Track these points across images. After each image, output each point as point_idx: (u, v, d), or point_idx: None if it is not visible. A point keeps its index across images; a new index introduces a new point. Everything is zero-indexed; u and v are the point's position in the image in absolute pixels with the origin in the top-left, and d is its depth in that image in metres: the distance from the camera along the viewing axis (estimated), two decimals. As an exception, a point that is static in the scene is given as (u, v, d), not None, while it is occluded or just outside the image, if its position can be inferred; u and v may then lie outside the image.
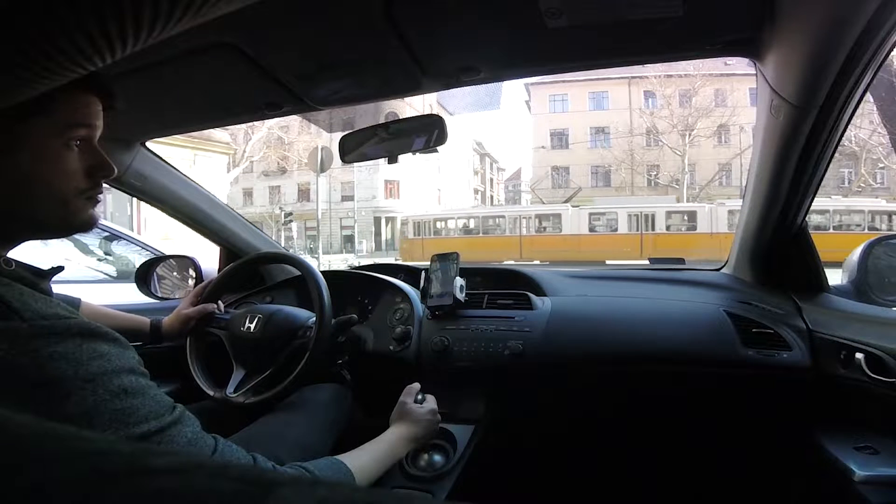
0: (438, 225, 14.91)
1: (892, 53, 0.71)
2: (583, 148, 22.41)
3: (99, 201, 0.54)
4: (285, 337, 0.96)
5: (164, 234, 4.49)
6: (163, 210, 1.28)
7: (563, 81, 21.70)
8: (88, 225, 0.53)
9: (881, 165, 14.75)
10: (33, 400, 0.40)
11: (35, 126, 0.46)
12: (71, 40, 0.26)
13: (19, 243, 0.51)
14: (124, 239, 2.52)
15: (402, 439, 0.78)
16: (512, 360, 1.04)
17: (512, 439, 1.15)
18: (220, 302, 1.08)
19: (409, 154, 1.06)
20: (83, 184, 0.51)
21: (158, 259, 1.46)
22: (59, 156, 0.48)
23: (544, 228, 13.64)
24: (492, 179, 41.94)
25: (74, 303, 0.83)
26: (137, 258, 2.29)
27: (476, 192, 37.07)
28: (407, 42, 0.74)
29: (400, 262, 1.60)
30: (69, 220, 0.51)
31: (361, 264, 1.67)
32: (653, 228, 12.62)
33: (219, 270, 1.33)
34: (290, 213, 14.30)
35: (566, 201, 14.98)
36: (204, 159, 7.83)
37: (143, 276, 1.33)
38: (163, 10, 0.25)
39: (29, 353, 0.41)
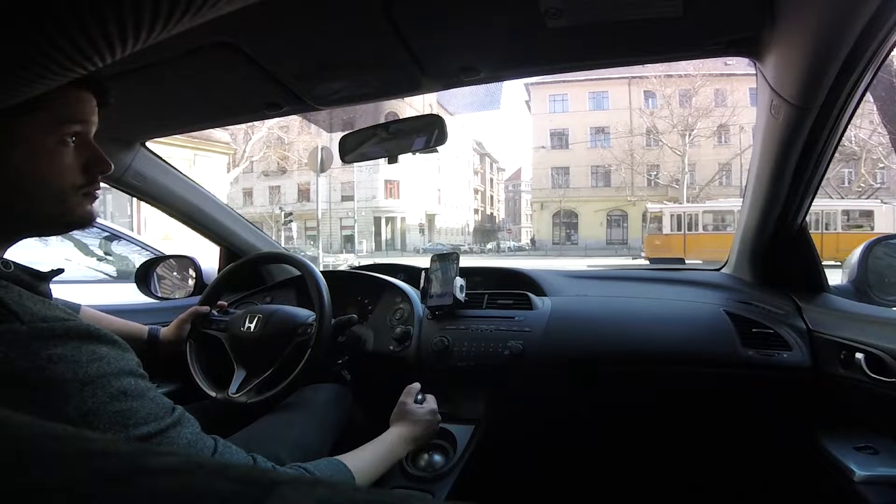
0: (708, 218, 12.84)
1: (892, 53, 0.71)
2: (583, 148, 22.44)
3: (97, 197, 0.54)
4: (285, 336, 0.96)
5: (165, 234, 4.49)
6: (163, 210, 1.28)
7: (563, 81, 21.74)
8: (87, 221, 0.52)
9: (881, 165, 14.72)
10: (33, 402, 0.40)
11: (28, 123, 0.45)
12: (71, 41, 0.26)
13: (17, 241, 0.51)
14: (124, 239, 2.53)
15: (402, 439, 0.78)
16: (512, 360, 1.04)
17: (512, 439, 1.15)
18: (221, 302, 1.09)
19: (409, 154, 1.06)
20: (80, 180, 0.51)
21: (158, 259, 1.46)
22: (55, 152, 0.48)
23: (854, 226, 11.42)
24: (492, 179, 42.00)
25: (74, 308, 0.83)
26: (137, 258, 2.29)
27: (476, 192, 37.11)
28: (407, 42, 0.74)
29: (400, 262, 1.60)
30: (67, 216, 0.51)
31: (361, 264, 1.67)
32: None
33: (219, 270, 1.33)
34: (290, 213, 14.29)
35: (867, 197, 12.60)
36: (204, 159, 7.82)
37: (143, 276, 1.33)
38: (163, 11, 0.25)
39: (28, 355, 0.40)
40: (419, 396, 0.87)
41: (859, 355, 0.81)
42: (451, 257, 1.20)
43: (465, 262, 1.29)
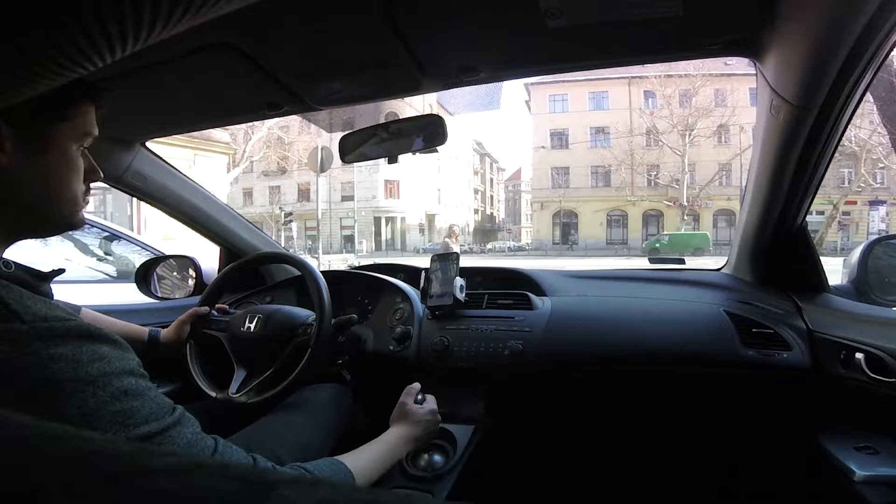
0: None
1: (892, 53, 0.71)
2: (583, 148, 22.45)
3: (88, 202, 0.58)
4: (285, 336, 0.96)
5: (165, 233, 4.48)
6: (163, 210, 1.28)
7: (563, 81, 21.75)
8: (81, 224, 0.56)
9: (881, 165, 14.72)
10: (34, 402, 0.40)
11: (61, 130, 0.50)
12: (71, 40, 0.26)
13: (17, 241, 0.52)
14: (124, 239, 2.53)
15: (402, 440, 0.78)
16: (512, 360, 1.04)
17: (512, 439, 1.15)
18: (220, 304, 1.09)
19: (409, 154, 1.06)
20: (83, 185, 0.54)
21: (158, 259, 1.46)
22: (75, 159, 0.53)
23: None
24: (492, 179, 41.99)
25: (75, 310, 0.83)
26: (137, 258, 2.29)
27: (476, 192, 37.12)
28: (407, 42, 0.74)
29: (400, 262, 1.60)
30: (72, 218, 0.54)
31: (361, 264, 1.67)
32: None
33: (219, 270, 1.33)
34: (290, 213, 14.26)
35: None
36: (204, 159, 7.81)
37: (143, 277, 1.33)
38: (163, 11, 0.25)
39: (29, 355, 0.40)
40: (419, 396, 0.87)
41: (859, 355, 0.81)
42: (451, 257, 1.20)
43: (465, 262, 1.29)
